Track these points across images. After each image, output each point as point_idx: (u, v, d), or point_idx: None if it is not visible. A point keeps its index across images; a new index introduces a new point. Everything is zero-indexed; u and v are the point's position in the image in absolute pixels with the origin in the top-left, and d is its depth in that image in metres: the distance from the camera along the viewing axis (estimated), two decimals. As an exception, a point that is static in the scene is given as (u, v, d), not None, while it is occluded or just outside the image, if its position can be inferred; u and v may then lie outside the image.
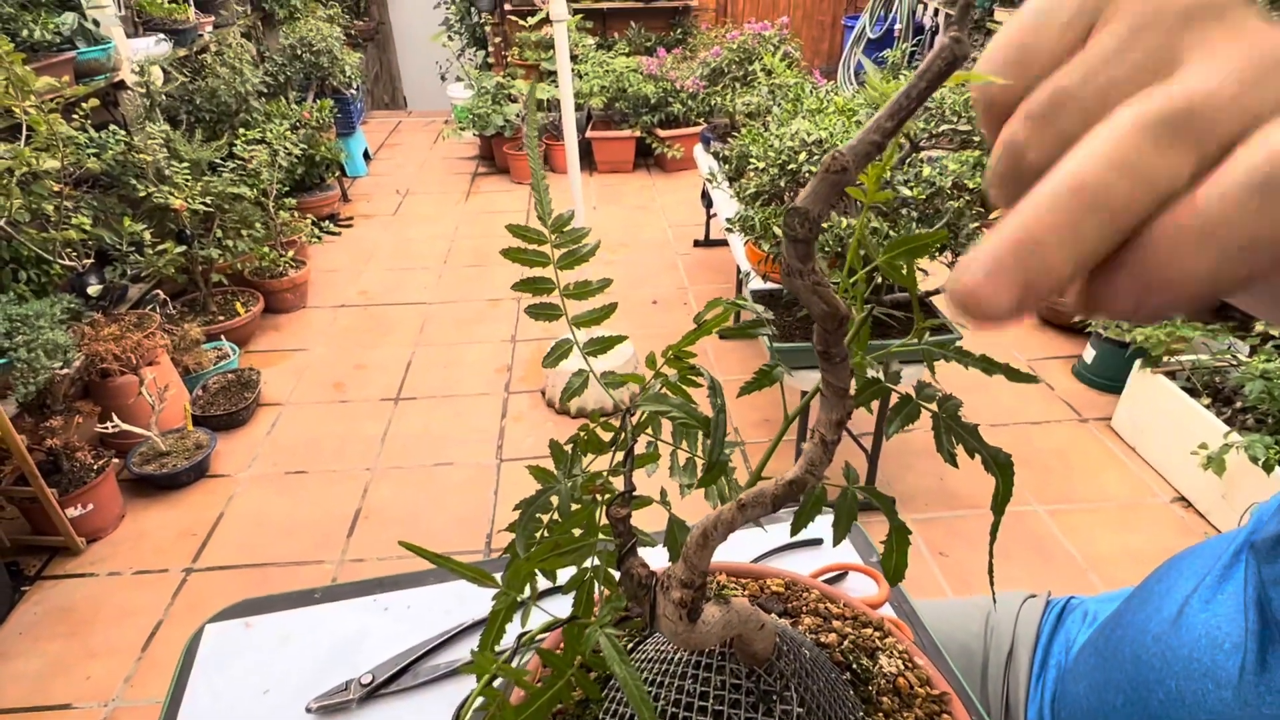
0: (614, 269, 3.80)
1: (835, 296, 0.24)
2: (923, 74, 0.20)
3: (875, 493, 0.33)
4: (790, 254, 0.23)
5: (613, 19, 5.54)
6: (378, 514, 2.34)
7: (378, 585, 0.81)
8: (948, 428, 0.30)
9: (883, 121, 0.21)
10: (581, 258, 0.46)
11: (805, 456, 0.29)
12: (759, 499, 0.29)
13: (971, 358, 0.30)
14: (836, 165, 0.21)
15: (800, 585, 0.56)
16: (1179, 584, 0.68)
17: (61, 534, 2.13)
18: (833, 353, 0.26)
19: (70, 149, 2.40)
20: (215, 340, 2.96)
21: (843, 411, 0.28)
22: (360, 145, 5.13)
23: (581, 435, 0.40)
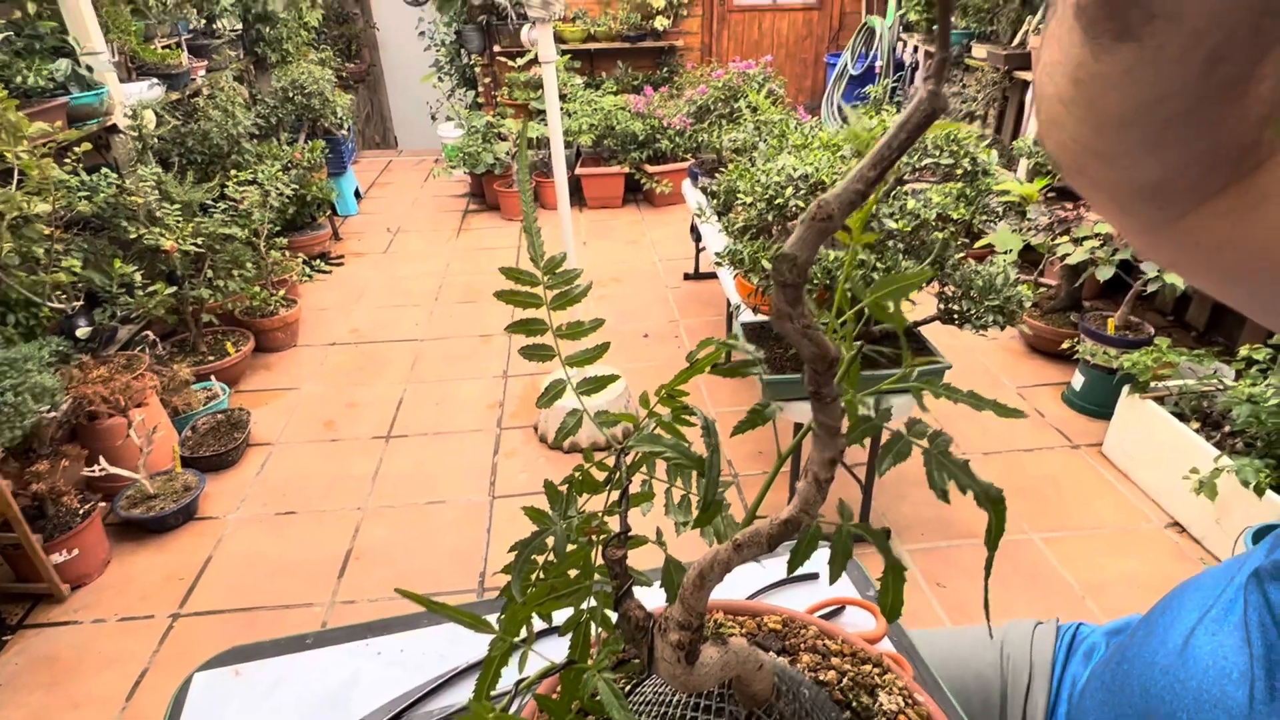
0: (605, 303, 3.82)
1: (824, 339, 0.24)
2: (903, 125, 0.21)
3: (870, 530, 0.33)
4: (780, 298, 0.24)
5: (600, 59, 5.65)
6: (369, 554, 2.31)
7: (369, 629, 0.80)
8: (939, 464, 0.30)
9: (865, 171, 0.21)
10: (574, 299, 0.47)
11: (800, 496, 0.29)
12: (755, 539, 0.29)
13: (959, 393, 0.31)
14: (823, 213, 0.22)
15: (798, 622, 0.56)
16: (1183, 616, 0.67)
17: (45, 581, 2.09)
18: (824, 393, 0.26)
19: (62, 192, 2.41)
20: (205, 380, 2.94)
21: (835, 450, 0.28)
22: (351, 184, 5.17)
23: (576, 475, 0.40)
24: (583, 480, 0.41)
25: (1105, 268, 2.70)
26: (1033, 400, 2.97)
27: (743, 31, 5.88)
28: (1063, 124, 0.32)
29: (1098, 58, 0.29)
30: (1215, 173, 0.37)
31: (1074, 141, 0.32)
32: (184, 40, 4.04)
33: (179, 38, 4.01)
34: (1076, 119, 0.31)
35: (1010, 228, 3.30)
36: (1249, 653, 0.54)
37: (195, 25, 4.21)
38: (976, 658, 0.90)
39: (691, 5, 5.59)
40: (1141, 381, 2.46)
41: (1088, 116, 0.32)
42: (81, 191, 2.67)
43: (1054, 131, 0.34)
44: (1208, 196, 0.39)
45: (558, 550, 0.36)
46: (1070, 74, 0.31)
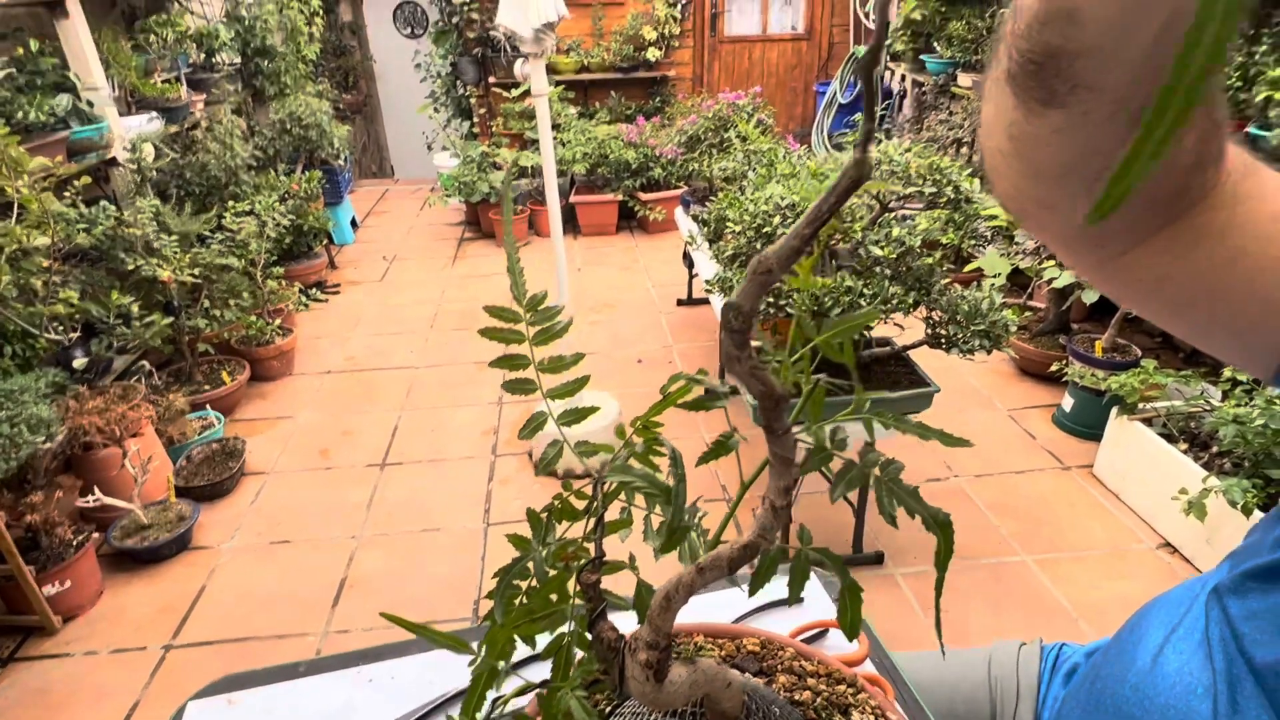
0: (599, 329, 3.85)
1: (771, 379, 0.27)
2: (833, 190, 0.24)
3: (827, 553, 0.35)
4: (728, 342, 0.26)
5: (594, 89, 5.75)
6: (363, 583, 2.31)
7: (362, 657, 0.81)
8: (889, 491, 0.32)
9: (802, 229, 0.24)
10: (555, 334, 0.49)
11: (758, 522, 0.31)
12: (716, 562, 0.31)
13: (908, 424, 0.33)
14: (763, 267, 0.24)
15: (775, 644, 0.58)
16: (1151, 633, 0.69)
17: (37, 613, 2.08)
18: (775, 427, 0.28)
19: (60, 225, 2.44)
20: (200, 409, 2.96)
21: (789, 479, 0.30)
22: (348, 214, 5.22)
23: (556, 504, 0.42)
24: (562, 508, 0.43)
25: (1090, 291, 2.74)
26: (1024, 422, 2.99)
27: (733, 61, 5.99)
28: (1004, 174, 0.37)
29: (1029, 119, 0.33)
30: (1150, 217, 0.40)
31: (1015, 190, 0.36)
32: (183, 74, 4.11)
33: (178, 72, 4.08)
34: (1016, 171, 0.35)
35: (998, 252, 3.35)
36: (1212, 668, 0.56)
37: (195, 59, 4.29)
38: (965, 680, 0.91)
39: (682, 37, 5.70)
40: (1130, 403, 2.48)
41: (1025, 169, 0.36)
42: (80, 224, 2.70)
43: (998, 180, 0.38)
44: (1145, 238, 0.43)
45: (537, 575, 0.38)
46: (1006, 131, 0.35)
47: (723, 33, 5.88)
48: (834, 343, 0.32)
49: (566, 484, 0.42)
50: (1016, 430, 2.94)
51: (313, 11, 5.09)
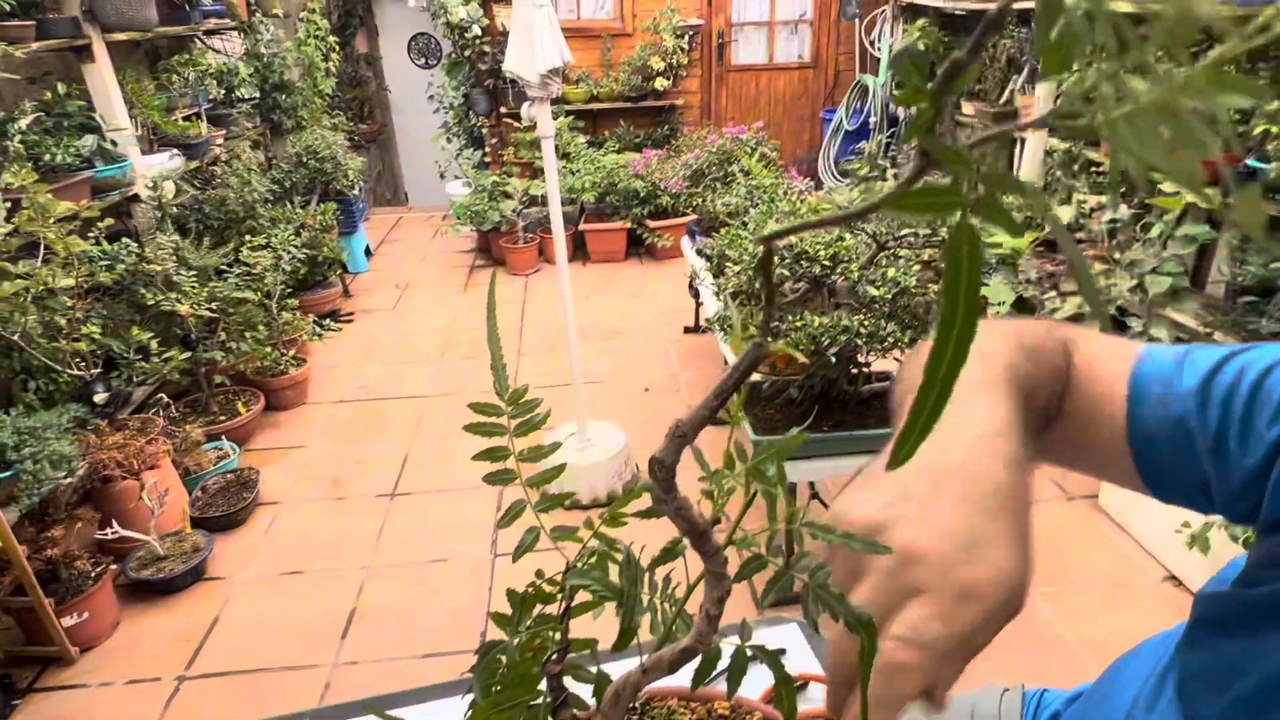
0: (607, 357, 3.90)
1: (694, 515, 0.31)
2: (737, 367, 0.28)
3: (764, 650, 0.39)
4: (655, 489, 0.30)
5: (603, 118, 5.85)
6: (372, 614, 2.35)
7: (362, 707, 0.85)
8: (816, 597, 0.36)
9: (710, 400, 0.28)
10: (535, 426, 0.54)
11: (695, 628, 0.35)
12: (658, 664, 0.35)
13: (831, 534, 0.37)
14: (679, 432, 0.28)
15: (745, 708, 0.61)
16: (1127, 687, 0.72)
17: (56, 644, 2.13)
18: (705, 550, 0.32)
19: (85, 265, 2.53)
20: (216, 440, 3.02)
21: (723, 591, 0.34)
22: (362, 243, 5.33)
23: (530, 590, 0.47)
24: (535, 594, 0.47)
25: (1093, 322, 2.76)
26: (1029, 452, 3.00)
27: (740, 90, 6.08)
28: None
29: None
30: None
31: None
32: (204, 110, 4.24)
33: (199, 108, 4.21)
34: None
35: (1003, 280, 3.38)
36: None
37: (215, 96, 4.42)
38: None
39: (690, 66, 5.80)
40: (1132, 435, 2.49)
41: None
42: (103, 261, 2.80)
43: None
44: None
45: (508, 664, 0.42)
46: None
47: (730, 62, 5.97)
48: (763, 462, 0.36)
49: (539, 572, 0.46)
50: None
51: (329, 47, 5.23)
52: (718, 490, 0.35)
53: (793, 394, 2.00)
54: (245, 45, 4.70)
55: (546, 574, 0.48)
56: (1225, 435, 0.53)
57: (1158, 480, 0.59)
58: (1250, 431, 0.53)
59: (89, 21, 3.10)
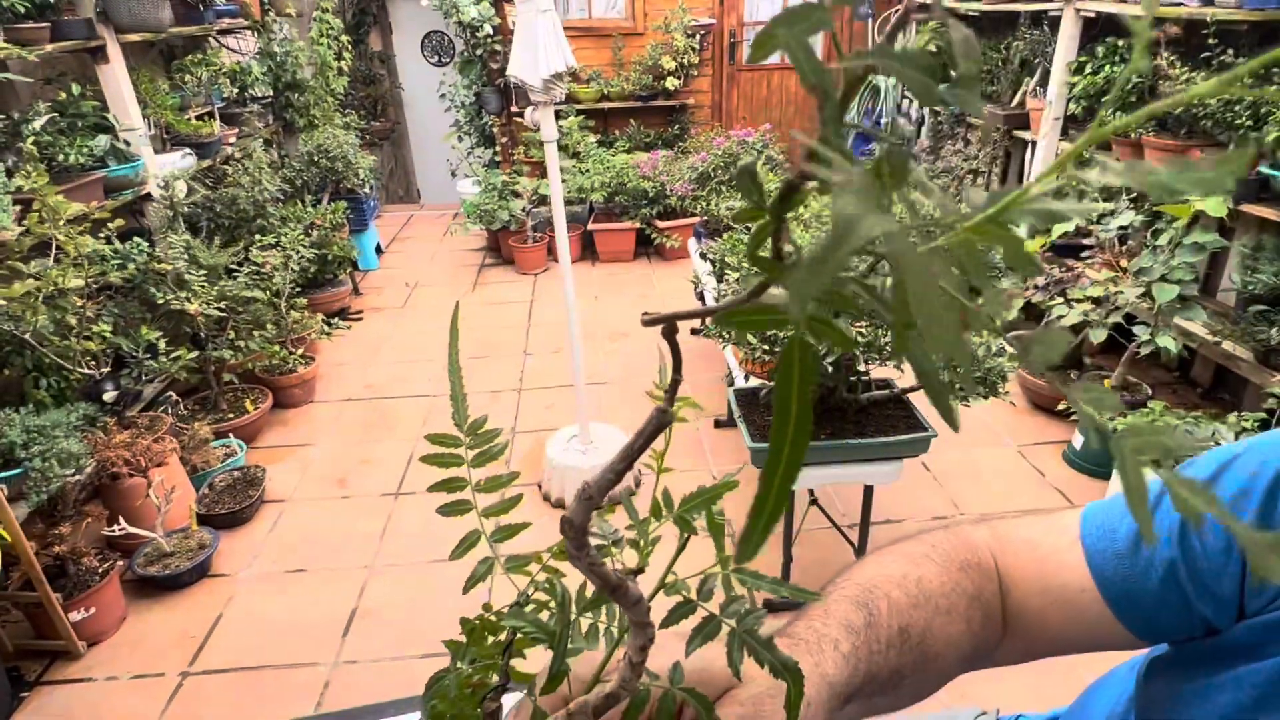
0: (612, 358, 3.91)
1: (606, 571, 0.31)
2: (640, 433, 0.29)
3: (692, 693, 0.40)
4: (568, 545, 0.31)
5: (613, 117, 5.85)
6: (374, 613, 2.38)
7: (348, 716, 0.87)
8: (741, 642, 0.37)
9: (616, 463, 0.29)
10: (492, 456, 0.54)
11: (619, 674, 0.36)
12: (582, 709, 0.36)
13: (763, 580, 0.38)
14: (585, 494, 0.29)
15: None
16: (1093, 715, 0.72)
17: (63, 638, 2.18)
18: (622, 602, 0.33)
19: (96, 264, 2.57)
20: (224, 438, 3.06)
21: (644, 639, 0.35)
22: (373, 240, 5.37)
23: (477, 622, 0.47)
24: (482, 625, 0.48)
25: (1099, 330, 2.73)
26: (1033, 459, 2.98)
27: (751, 90, 6.06)
28: None
29: None
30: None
31: None
32: (217, 110, 4.28)
33: (212, 107, 4.25)
34: None
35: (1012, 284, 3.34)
36: None
37: (228, 94, 4.47)
38: None
39: (701, 66, 5.78)
40: (1136, 445, 2.47)
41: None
42: (114, 260, 2.84)
43: None
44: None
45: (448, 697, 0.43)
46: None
47: (741, 61, 5.95)
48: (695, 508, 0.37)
49: (486, 605, 0.47)
50: (1026, 467, 2.93)
51: (341, 47, 5.26)
52: (643, 539, 0.36)
53: (790, 402, 1.99)
54: (259, 44, 4.74)
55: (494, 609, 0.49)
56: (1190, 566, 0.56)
57: (1145, 625, 0.59)
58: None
59: (103, 23, 3.15)
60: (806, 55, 0.17)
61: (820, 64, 0.18)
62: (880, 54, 0.18)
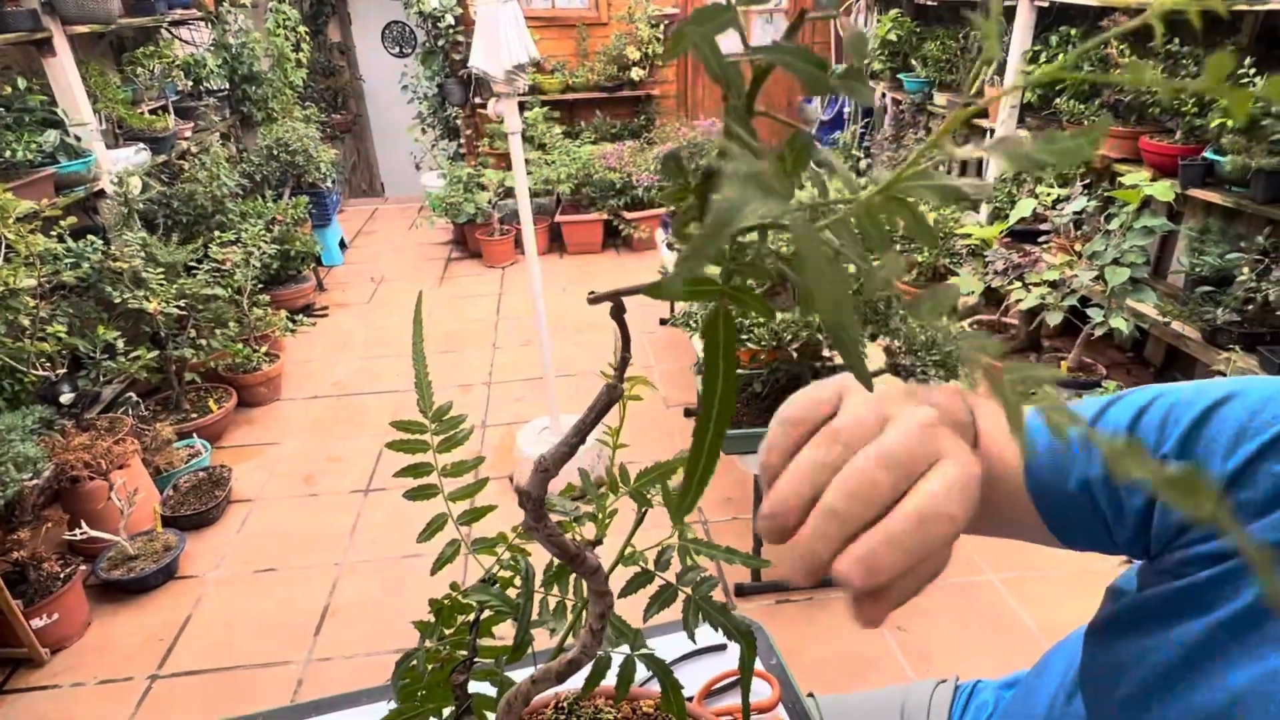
0: (582, 350, 3.92)
1: (565, 542, 0.33)
2: (592, 408, 0.30)
3: (652, 658, 0.41)
4: (527, 518, 0.32)
5: (578, 108, 5.83)
6: (346, 610, 2.36)
7: (315, 708, 0.87)
8: (696, 608, 0.38)
9: (570, 437, 0.30)
10: (458, 442, 0.56)
11: (579, 640, 0.37)
12: (546, 675, 0.37)
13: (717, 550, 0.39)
14: (541, 467, 0.30)
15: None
16: (1050, 680, 0.75)
17: (25, 646, 2.13)
18: (583, 570, 0.35)
19: (48, 264, 2.50)
20: (188, 438, 3.01)
21: (603, 606, 0.37)
22: (336, 235, 5.29)
23: (445, 602, 0.49)
24: (452, 605, 0.49)
25: (1055, 313, 2.81)
26: (995, 440, 3.05)
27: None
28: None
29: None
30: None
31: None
32: (171, 103, 4.18)
33: (166, 101, 4.15)
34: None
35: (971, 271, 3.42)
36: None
37: (182, 88, 4.36)
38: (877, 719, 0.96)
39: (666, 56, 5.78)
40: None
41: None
42: (68, 259, 2.77)
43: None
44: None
45: (418, 673, 0.44)
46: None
47: (705, 51, 5.96)
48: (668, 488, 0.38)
49: (453, 585, 0.48)
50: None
51: (299, 38, 5.16)
52: (601, 512, 0.37)
53: (756, 388, 2.03)
54: (213, 36, 4.63)
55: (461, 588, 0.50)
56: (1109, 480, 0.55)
57: (1063, 529, 0.60)
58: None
59: (49, 14, 3.05)
60: (712, 51, 0.19)
61: (723, 59, 0.20)
62: (775, 50, 0.19)
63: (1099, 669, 0.60)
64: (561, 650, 0.42)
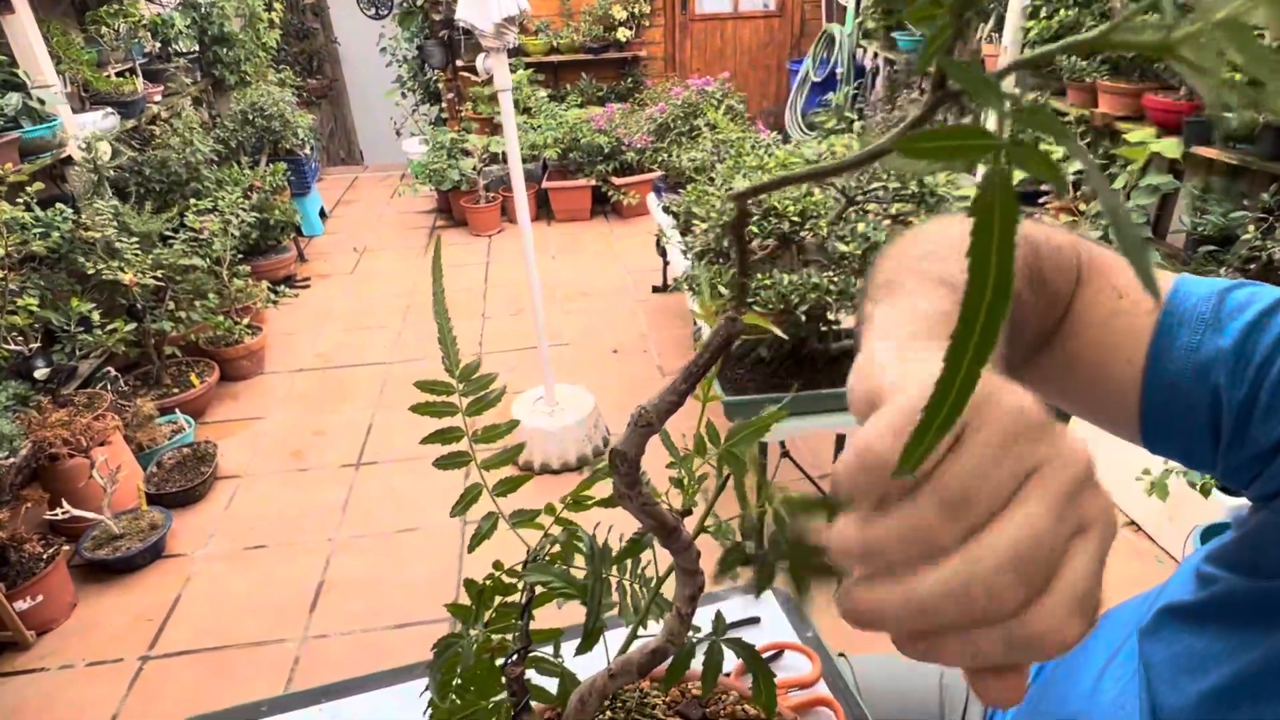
0: (573, 318, 3.84)
1: (661, 511, 0.27)
2: (707, 346, 0.24)
3: (739, 643, 0.36)
4: (618, 483, 0.26)
5: (564, 71, 5.67)
6: (340, 586, 2.31)
7: (324, 693, 0.82)
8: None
9: (678, 384, 0.24)
10: (489, 403, 0.49)
11: (665, 627, 0.32)
12: (626, 668, 0.32)
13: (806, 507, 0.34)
14: (643, 420, 0.24)
15: (720, 688, 0.59)
16: (1095, 655, 0.70)
17: (10, 629, 2.06)
18: (674, 546, 0.29)
19: (15, 233, 2.38)
20: (170, 414, 2.92)
21: (694, 587, 0.31)
22: (316, 204, 5.14)
23: (488, 582, 0.43)
24: (494, 586, 0.43)
25: (1057, 274, 2.77)
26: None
27: (705, 40, 5.93)
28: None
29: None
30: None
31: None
32: (139, 66, 4.00)
33: (133, 64, 3.97)
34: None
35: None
36: (1140, 704, 0.57)
37: (150, 50, 4.17)
38: (915, 686, 0.93)
39: (653, 16, 5.63)
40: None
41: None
42: (37, 228, 2.64)
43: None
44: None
45: (464, 664, 0.39)
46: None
47: (694, 11, 5.81)
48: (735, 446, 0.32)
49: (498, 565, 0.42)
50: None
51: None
52: (688, 477, 0.32)
53: (762, 353, 1.97)
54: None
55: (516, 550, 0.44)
56: (1252, 404, 0.49)
57: (1159, 431, 0.54)
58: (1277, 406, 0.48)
59: (4, -32, 2.87)
60: None
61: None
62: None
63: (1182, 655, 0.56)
64: (635, 638, 0.37)
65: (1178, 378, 0.51)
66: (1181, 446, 0.53)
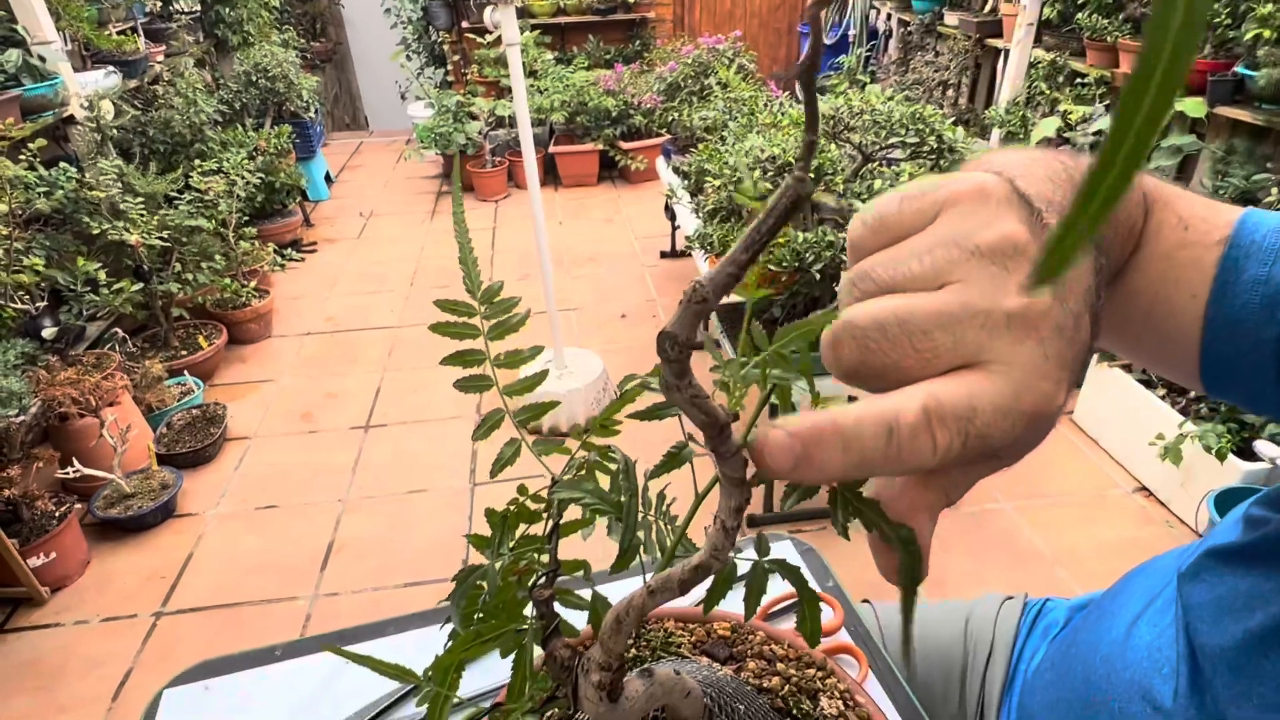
0: (581, 284, 3.81)
1: (713, 406, 0.25)
2: (771, 211, 0.22)
3: (784, 564, 0.34)
4: (666, 372, 0.24)
5: (571, 33, 5.57)
6: (351, 546, 2.32)
7: (339, 638, 0.81)
8: (844, 502, 0.31)
9: (738, 255, 0.22)
10: (511, 328, 0.47)
11: (709, 541, 0.30)
12: (667, 584, 0.30)
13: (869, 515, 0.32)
14: (698, 296, 0.22)
15: (746, 628, 0.57)
16: (1130, 603, 0.69)
17: (24, 585, 2.08)
18: (722, 450, 0.27)
19: (19, 191, 2.36)
20: (178, 375, 2.91)
21: (740, 499, 0.29)
22: (321, 168, 5.09)
23: (511, 508, 0.41)
24: (519, 512, 0.41)
25: (1074, 238, 2.72)
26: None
27: (714, 2, 5.80)
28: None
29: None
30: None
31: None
32: (140, 24, 3.93)
33: (135, 22, 3.90)
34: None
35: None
36: (1177, 648, 0.56)
37: (152, 8, 4.10)
38: (940, 633, 0.91)
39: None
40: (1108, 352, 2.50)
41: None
42: (40, 187, 2.61)
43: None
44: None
45: (490, 590, 0.37)
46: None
47: (703, -29, 5.68)
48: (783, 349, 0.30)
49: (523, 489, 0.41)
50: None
51: (274, -46, 4.86)
52: (734, 382, 0.29)
53: (775, 313, 1.95)
54: (181, -49, 4.34)
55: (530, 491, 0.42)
56: None
57: (1222, 370, 0.51)
58: None
59: (0, -81, 2.81)
60: None
61: None
62: None
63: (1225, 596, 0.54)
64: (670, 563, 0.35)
65: (1243, 313, 0.48)
66: (1245, 387, 0.50)
